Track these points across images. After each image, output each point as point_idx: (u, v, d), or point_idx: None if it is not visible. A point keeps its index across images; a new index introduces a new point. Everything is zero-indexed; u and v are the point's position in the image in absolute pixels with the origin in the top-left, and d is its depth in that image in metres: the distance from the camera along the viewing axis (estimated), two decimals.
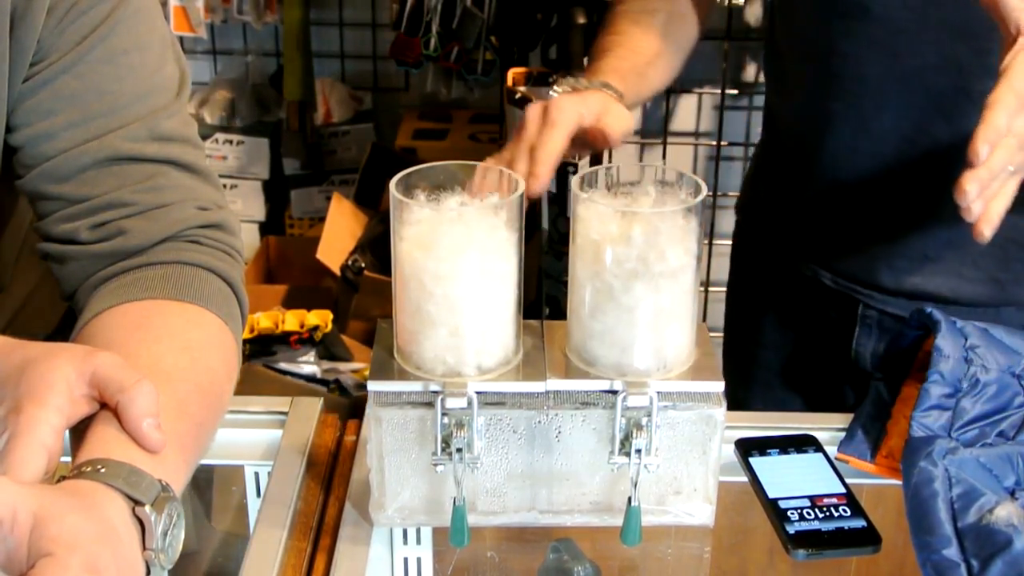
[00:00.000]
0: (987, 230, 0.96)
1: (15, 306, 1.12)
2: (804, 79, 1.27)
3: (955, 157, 0.98)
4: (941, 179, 1.17)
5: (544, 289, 2.46)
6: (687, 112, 2.83)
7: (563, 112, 1.06)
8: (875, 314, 1.27)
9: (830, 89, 1.22)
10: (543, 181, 1.03)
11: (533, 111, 1.08)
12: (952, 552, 0.87)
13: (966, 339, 1.05)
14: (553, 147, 1.04)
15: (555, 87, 1.13)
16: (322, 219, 2.75)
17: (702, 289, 1.64)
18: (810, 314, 1.34)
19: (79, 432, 0.75)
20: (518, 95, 1.18)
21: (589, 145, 1.11)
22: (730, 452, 0.99)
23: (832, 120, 1.23)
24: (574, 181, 0.89)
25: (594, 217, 0.87)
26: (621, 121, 1.11)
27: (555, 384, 0.89)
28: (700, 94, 2.80)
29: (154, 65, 0.96)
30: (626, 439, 0.88)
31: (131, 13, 0.94)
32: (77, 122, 0.92)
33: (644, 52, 1.23)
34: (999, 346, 1.06)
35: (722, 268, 1.58)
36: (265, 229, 3.01)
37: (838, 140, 1.24)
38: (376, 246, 2.51)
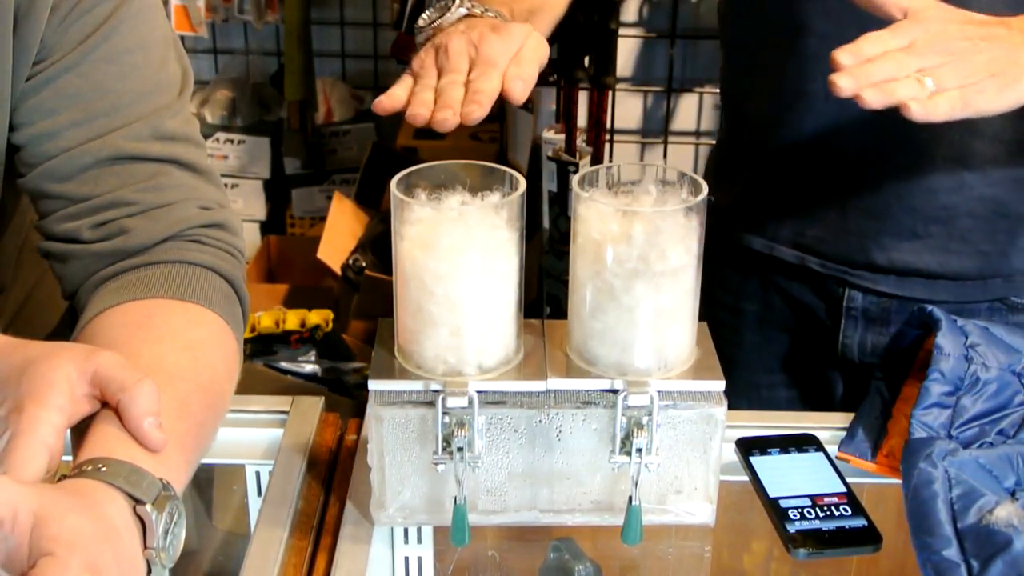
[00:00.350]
0: (869, 95, 0.94)
1: (15, 306, 1.12)
2: (776, 65, 1.25)
3: (939, 132, 1.00)
4: (926, 154, 1.16)
5: (545, 288, 2.46)
6: (688, 111, 2.83)
7: (496, 52, 1.02)
8: (859, 303, 1.27)
9: (808, 71, 1.20)
10: (486, 109, 0.98)
11: (459, 45, 1.03)
12: (952, 553, 0.87)
13: (966, 337, 1.05)
14: (493, 89, 0.99)
15: (453, 8, 1.08)
16: (323, 218, 2.74)
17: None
18: (791, 311, 1.33)
19: (80, 431, 0.75)
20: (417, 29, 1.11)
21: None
22: (731, 451, 0.99)
23: (812, 101, 1.21)
24: (575, 180, 0.89)
25: (595, 216, 0.87)
26: (538, 53, 1.05)
27: (556, 383, 0.89)
28: (701, 93, 2.80)
29: (157, 64, 0.96)
30: (627, 438, 0.88)
31: (134, 12, 0.94)
32: (79, 121, 0.92)
33: (525, 1, 1.18)
34: (999, 344, 1.06)
35: None
36: (266, 228, 3.01)
37: (818, 120, 1.22)
38: (377, 245, 2.51)
